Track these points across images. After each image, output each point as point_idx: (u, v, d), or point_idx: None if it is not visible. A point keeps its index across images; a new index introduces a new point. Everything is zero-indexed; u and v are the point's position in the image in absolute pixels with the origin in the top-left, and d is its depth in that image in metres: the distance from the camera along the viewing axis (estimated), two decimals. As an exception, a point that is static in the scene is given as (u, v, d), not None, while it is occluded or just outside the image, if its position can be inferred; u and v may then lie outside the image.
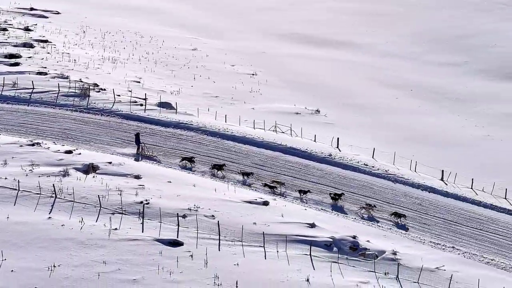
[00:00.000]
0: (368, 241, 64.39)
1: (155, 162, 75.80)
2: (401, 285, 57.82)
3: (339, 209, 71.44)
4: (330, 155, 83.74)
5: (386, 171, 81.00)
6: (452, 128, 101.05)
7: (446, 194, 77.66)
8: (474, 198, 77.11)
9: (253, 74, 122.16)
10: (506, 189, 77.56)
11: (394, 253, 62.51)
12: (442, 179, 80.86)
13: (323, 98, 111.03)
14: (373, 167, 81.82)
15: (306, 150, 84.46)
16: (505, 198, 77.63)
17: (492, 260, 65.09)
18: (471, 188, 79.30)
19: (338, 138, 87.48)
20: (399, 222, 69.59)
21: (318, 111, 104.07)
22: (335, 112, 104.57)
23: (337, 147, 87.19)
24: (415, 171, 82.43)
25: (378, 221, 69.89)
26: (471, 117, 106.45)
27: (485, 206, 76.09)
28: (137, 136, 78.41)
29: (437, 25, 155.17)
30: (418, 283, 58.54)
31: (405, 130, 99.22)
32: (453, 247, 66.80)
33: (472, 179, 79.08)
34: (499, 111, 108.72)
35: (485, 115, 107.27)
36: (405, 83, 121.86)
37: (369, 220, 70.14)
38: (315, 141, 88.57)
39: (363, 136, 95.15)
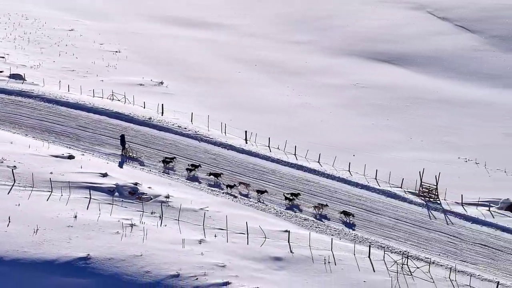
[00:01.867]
0: (149, 187, 71.02)
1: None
2: (161, 221, 64.27)
3: (140, 163, 77.77)
4: (150, 118, 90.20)
5: (196, 132, 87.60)
6: (278, 97, 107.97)
7: (242, 151, 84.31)
8: (264, 154, 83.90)
9: (116, 51, 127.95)
10: (295, 146, 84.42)
11: (167, 197, 69.21)
12: (245, 139, 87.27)
13: (172, 72, 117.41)
14: (185, 128, 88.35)
15: (129, 114, 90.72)
16: (294, 154, 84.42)
17: (256, 203, 72.06)
18: (268, 146, 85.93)
19: (162, 105, 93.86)
20: (191, 175, 76.17)
21: (161, 83, 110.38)
22: (178, 83, 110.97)
23: (162, 112, 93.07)
24: (224, 133, 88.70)
25: (168, 173, 76.45)
26: (299, 88, 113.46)
27: (272, 160, 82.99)
28: (122, 137, 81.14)
29: (300, 8, 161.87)
30: (178, 220, 65.07)
31: (236, 99, 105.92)
32: (227, 193, 73.56)
33: (269, 138, 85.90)
34: (325, 82, 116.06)
35: (312, 86, 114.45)
36: (254, 59, 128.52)
37: (163, 172, 76.56)
38: (144, 107, 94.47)
39: (195, 103, 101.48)
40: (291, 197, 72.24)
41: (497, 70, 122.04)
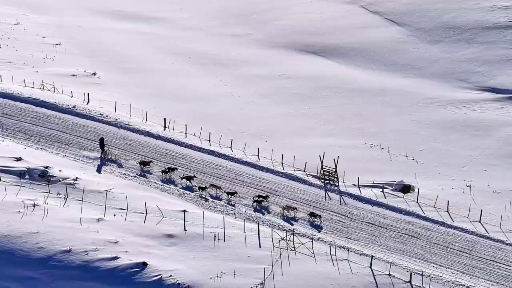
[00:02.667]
0: (60, 170, 73.34)
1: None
2: (65, 202, 66.92)
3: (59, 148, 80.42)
4: (74, 107, 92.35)
5: (116, 119, 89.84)
6: (205, 87, 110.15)
7: (158, 137, 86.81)
8: (179, 140, 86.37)
9: (57, 44, 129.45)
10: (210, 133, 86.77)
11: (75, 179, 71.62)
12: (164, 126, 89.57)
13: (107, 63, 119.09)
14: (107, 116, 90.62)
15: (54, 103, 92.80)
16: (209, 141, 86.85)
17: (162, 185, 74.57)
18: (185, 132, 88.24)
19: (88, 94, 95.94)
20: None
21: (94, 73, 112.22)
22: (111, 74, 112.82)
23: (88, 101, 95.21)
24: (145, 120, 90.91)
25: (83, 157, 78.93)
26: (227, 78, 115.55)
27: (186, 146, 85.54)
28: (102, 140, 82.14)
29: (240, 2, 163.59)
30: (82, 200, 67.61)
31: (165, 89, 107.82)
32: (129, 174, 76.04)
33: (186, 125, 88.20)
34: (252, 73, 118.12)
35: (239, 77, 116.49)
36: (188, 51, 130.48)
37: (77, 156, 78.99)
38: (72, 96, 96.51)
39: (124, 93, 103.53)
40: (259, 200, 72.95)
41: (418, 61, 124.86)
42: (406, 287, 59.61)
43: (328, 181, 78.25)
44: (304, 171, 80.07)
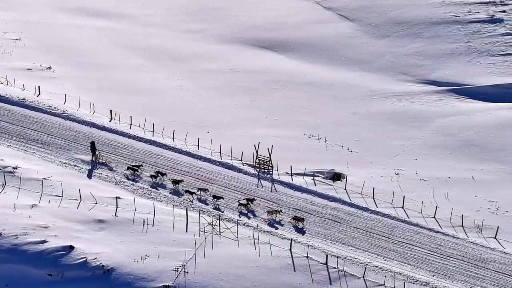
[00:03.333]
0: (2, 159, 74.99)
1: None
2: (2, 189, 68.43)
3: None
4: (24, 99, 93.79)
5: (64, 111, 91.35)
6: (156, 81, 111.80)
7: (103, 128, 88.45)
8: (123, 131, 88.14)
9: (17, 39, 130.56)
10: (153, 124, 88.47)
11: (15, 168, 73.17)
12: (110, 118, 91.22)
13: (64, 57, 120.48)
14: (55, 108, 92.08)
15: (5, 95, 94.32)
16: (152, 131, 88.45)
17: (102, 174, 76.26)
18: (130, 124, 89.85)
19: (39, 86, 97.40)
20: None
21: (49, 67, 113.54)
22: (66, 68, 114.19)
23: (39, 94, 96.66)
24: (93, 112, 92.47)
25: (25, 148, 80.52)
26: (179, 72, 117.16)
27: (129, 136, 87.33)
28: (93, 144, 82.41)
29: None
30: (19, 188, 69.20)
31: (117, 83, 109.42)
32: (75, 165, 77.81)
33: (131, 116, 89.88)
34: (204, 67, 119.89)
35: (191, 71, 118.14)
36: (145, 46, 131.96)
37: (21, 146, 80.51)
38: (23, 89, 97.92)
39: (76, 86, 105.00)
40: (245, 203, 73.50)
41: (365, 55, 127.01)
42: (322, 268, 61.13)
43: (262, 170, 79.75)
44: (241, 160, 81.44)
